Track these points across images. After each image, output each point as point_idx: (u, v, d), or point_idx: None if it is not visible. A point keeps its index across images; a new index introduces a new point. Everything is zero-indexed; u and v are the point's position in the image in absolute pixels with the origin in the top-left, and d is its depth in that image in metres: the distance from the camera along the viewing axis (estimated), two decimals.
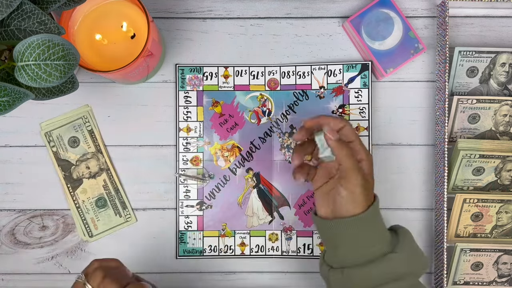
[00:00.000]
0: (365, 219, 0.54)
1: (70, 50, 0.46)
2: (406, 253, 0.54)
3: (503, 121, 0.66)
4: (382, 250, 0.53)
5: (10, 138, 0.68)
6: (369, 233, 0.54)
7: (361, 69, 0.67)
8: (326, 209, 0.56)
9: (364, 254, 0.54)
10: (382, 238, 0.54)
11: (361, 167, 0.55)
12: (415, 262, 0.54)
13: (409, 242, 0.55)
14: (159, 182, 0.68)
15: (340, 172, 0.54)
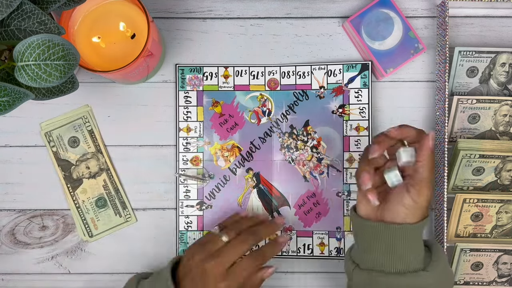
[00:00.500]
0: (413, 230, 0.52)
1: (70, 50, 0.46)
2: (437, 274, 0.52)
3: (503, 121, 0.66)
4: (415, 266, 0.52)
5: (10, 138, 0.68)
6: (409, 245, 0.52)
7: (361, 69, 0.67)
8: (371, 210, 0.54)
9: (396, 264, 0.52)
10: (418, 253, 0.53)
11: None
12: (442, 282, 0.53)
13: (442, 263, 0.53)
14: (159, 182, 0.68)
15: (414, 180, 0.51)
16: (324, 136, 0.67)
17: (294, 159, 0.67)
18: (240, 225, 0.60)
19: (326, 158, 0.68)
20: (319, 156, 0.68)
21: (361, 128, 0.67)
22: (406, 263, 0.52)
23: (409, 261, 0.52)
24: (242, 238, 0.57)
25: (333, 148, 0.67)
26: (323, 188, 0.67)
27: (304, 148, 0.68)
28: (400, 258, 0.52)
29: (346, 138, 0.67)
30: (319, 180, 0.68)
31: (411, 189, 0.51)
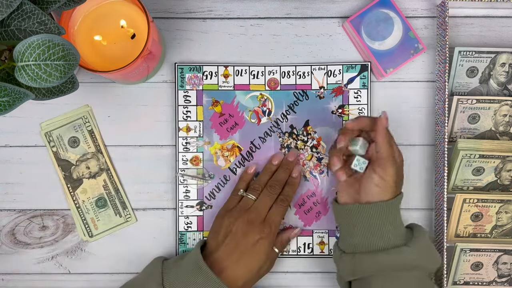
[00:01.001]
0: (388, 207, 0.57)
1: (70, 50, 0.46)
2: (418, 249, 0.56)
3: (503, 121, 0.66)
4: (395, 242, 0.56)
5: (10, 138, 0.68)
6: (387, 223, 0.57)
7: (360, 69, 0.67)
8: (349, 197, 0.60)
9: (377, 242, 0.57)
10: (398, 231, 0.57)
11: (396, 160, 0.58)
12: (425, 258, 0.57)
13: (423, 239, 0.57)
14: (159, 182, 0.68)
15: (377, 159, 0.58)
16: (324, 136, 0.67)
17: None
18: (259, 182, 0.65)
19: (326, 158, 0.68)
20: (319, 155, 0.68)
21: None
22: (387, 241, 0.56)
23: (389, 238, 0.56)
24: (267, 192, 0.64)
25: None
26: (323, 187, 0.68)
27: (304, 148, 0.68)
28: (380, 236, 0.57)
29: None
30: (319, 179, 0.68)
31: (377, 168, 0.57)
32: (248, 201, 0.63)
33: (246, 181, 0.66)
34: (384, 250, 0.56)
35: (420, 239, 0.57)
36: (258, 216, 0.62)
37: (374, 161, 0.58)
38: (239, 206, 0.63)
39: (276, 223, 0.63)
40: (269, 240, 0.61)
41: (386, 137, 0.58)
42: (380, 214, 0.57)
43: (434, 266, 0.58)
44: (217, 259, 0.60)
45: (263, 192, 0.64)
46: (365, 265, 0.57)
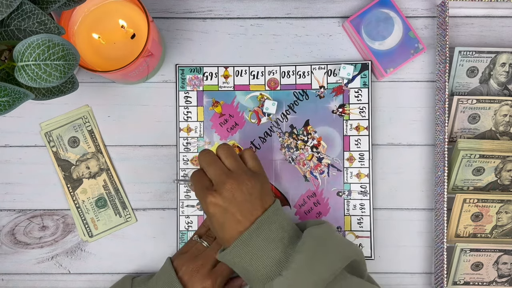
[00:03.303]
0: (227, 255, 0.53)
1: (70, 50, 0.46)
2: (293, 272, 0.50)
3: (503, 121, 0.66)
4: (269, 272, 0.51)
5: (10, 138, 0.68)
6: (248, 260, 0.52)
7: (361, 68, 0.67)
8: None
9: (253, 279, 0.53)
10: (267, 260, 0.52)
11: (207, 198, 0.53)
12: (310, 280, 0.51)
13: (304, 257, 0.51)
14: (159, 182, 0.68)
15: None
16: (324, 135, 0.67)
17: (294, 158, 0.67)
18: None
19: (327, 158, 0.68)
20: (319, 155, 0.67)
21: (361, 127, 0.67)
22: (257, 280, 0.52)
23: (259, 276, 0.52)
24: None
25: (333, 148, 0.67)
26: (324, 187, 0.67)
27: (304, 147, 0.68)
28: (253, 276, 0.53)
29: (346, 138, 0.67)
30: (320, 179, 0.68)
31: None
32: (200, 247, 0.62)
33: (207, 227, 0.66)
34: (261, 285, 0.52)
35: (300, 254, 0.51)
36: (205, 265, 0.60)
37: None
38: (190, 252, 0.62)
39: (223, 276, 0.60)
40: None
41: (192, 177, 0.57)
42: (231, 263, 0.54)
43: (334, 267, 0.52)
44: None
45: (216, 240, 0.62)
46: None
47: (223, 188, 0.53)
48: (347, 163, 0.67)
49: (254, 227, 0.52)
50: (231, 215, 0.53)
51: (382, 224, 0.68)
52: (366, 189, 0.67)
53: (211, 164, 0.55)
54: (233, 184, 0.53)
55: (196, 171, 0.57)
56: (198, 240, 0.64)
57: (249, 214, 0.53)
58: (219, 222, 0.53)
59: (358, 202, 0.67)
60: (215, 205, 0.53)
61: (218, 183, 0.54)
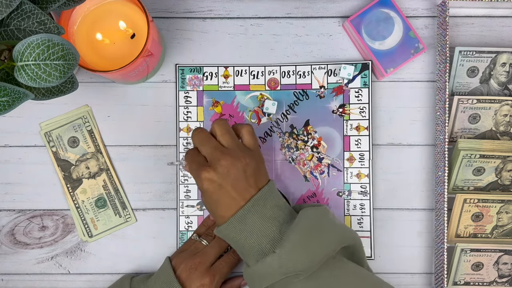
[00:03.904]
0: (226, 229, 0.54)
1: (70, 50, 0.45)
2: (287, 251, 0.51)
3: (504, 121, 0.66)
4: (263, 249, 0.52)
5: (10, 138, 0.67)
6: (243, 237, 0.53)
7: (361, 68, 0.67)
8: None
9: (247, 259, 0.54)
10: (261, 238, 0.52)
11: (201, 175, 0.53)
12: (304, 259, 0.51)
13: (298, 237, 0.51)
14: (159, 182, 0.68)
15: None
16: (325, 135, 0.67)
17: (295, 158, 0.67)
18: (214, 228, 0.63)
19: (327, 158, 0.67)
20: (319, 155, 0.67)
21: (361, 127, 0.67)
22: (252, 255, 0.53)
23: (253, 253, 0.53)
24: (218, 239, 0.62)
25: (333, 148, 0.67)
26: (324, 187, 0.67)
27: (305, 147, 0.67)
28: (248, 252, 0.53)
29: (347, 138, 0.67)
30: (320, 179, 0.67)
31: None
32: (199, 246, 0.63)
33: (206, 226, 0.66)
34: (255, 264, 0.52)
35: (291, 238, 0.51)
36: (203, 262, 0.60)
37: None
38: (189, 250, 0.62)
39: (222, 274, 0.61)
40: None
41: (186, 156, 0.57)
42: (231, 233, 0.54)
43: (329, 249, 0.52)
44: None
45: (215, 239, 0.63)
46: (249, 280, 0.54)
47: (218, 164, 0.53)
48: (347, 163, 0.67)
49: (250, 205, 0.52)
50: (226, 192, 0.53)
51: (382, 224, 0.67)
52: (366, 189, 0.67)
53: (205, 142, 0.55)
54: (228, 160, 0.53)
55: (190, 149, 0.57)
56: (197, 239, 0.64)
57: (244, 191, 0.53)
58: (214, 199, 0.53)
59: (358, 202, 0.67)
60: (210, 180, 0.53)
61: (213, 159, 0.53)
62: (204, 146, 0.55)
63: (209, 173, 0.53)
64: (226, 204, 0.53)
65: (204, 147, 0.55)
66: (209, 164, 0.54)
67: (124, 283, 0.62)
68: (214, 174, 0.52)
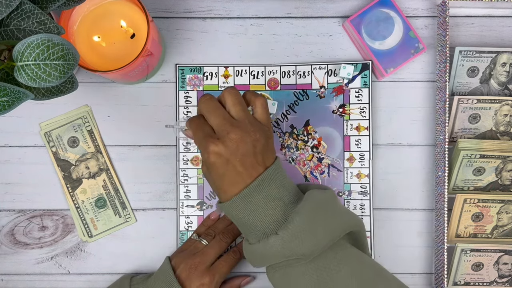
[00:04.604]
0: (230, 207, 0.52)
1: (70, 50, 0.45)
2: (290, 233, 0.49)
3: (504, 121, 0.66)
4: (266, 229, 0.51)
5: (9, 138, 0.67)
6: (247, 215, 0.51)
7: (361, 68, 0.67)
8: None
9: (250, 236, 0.52)
10: (265, 218, 0.51)
11: (207, 144, 0.50)
12: (307, 243, 0.49)
13: (303, 219, 0.50)
14: (159, 182, 0.68)
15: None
16: (325, 135, 0.67)
17: (295, 159, 0.67)
18: (214, 228, 0.65)
19: (327, 158, 0.67)
20: (319, 155, 0.67)
21: (361, 127, 0.67)
22: (254, 234, 0.52)
23: (256, 232, 0.51)
24: (218, 238, 0.63)
25: (333, 148, 0.67)
26: None
27: (305, 147, 0.67)
28: (250, 230, 0.52)
29: (347, 138, 0.67)
30: (320, 179, 0.67)
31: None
32: (198, 245, 0.62)
33: (206, 226, 0.66)
34: (258, 243, 0.51)
35: (295, 222, 0.49)
36: (203, 262, 0.60)
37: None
38: (189, 250, 0.62)
39: (222, 273, 0.60)
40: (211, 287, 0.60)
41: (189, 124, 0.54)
42: (234, 210, 0.52)
43: (334, 234, 0.50)
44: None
45: (214, 238, 0.63)
46: (248, 255, 0.53)
47: (227, 137, 0.50)
48: (347, 163, 0.67)
49: (255, 184, 0.50)
50: (233, 167, 0.50)
51: (382, 224, 0.67)
52: (366, 189, 0.67)
53: (213, 111, 0.52)
54: (238, 134, 0.50)
55: (195, 116, 0.54)
56: (197, 238, 0.64)
57: (251, 168, 0.50)
58: (219, 173, 0.51)
59: (358, 202, 0.67)
60: (217, 154, 0.50)
61: (222, 131, 0.50)
62: (213, 115, 0.51)
63: (217, 147, 0.50)
64: (231, 180, 0.51)
65: (212, 116, 0.51)
66: (217, 136, 0.50)
67: (123, 283, 0.62)
68: (223, 148, 0.49)
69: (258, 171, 0.51)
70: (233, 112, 0.52)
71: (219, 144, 0.50)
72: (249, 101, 0.54)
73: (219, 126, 0.51)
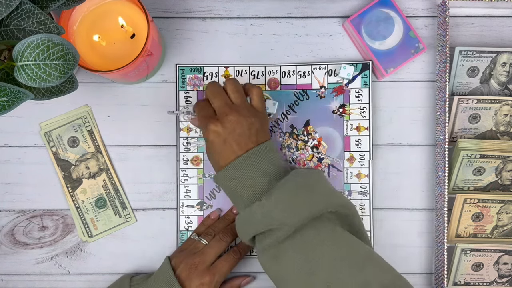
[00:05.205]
0: (221, 175, 0.57)
1: (70, 50, 0.45)
2: (272, 201, 0.53)
3: (504, 121, 0.66)
4: (251, 197, 0.55)
5: (9, 138, 0.67)
6: (235, 184, 0.56)
7: (361, 68, 0.67)
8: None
9: (238, 204, 0.57)
10: (251, 187, 0.56)
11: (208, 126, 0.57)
12: (288, 213, 0.53)
13: (285, 190, 0.54)
14: (159, 182, 0.68)
15: None
16: (325, 136, 0.67)
17: (295, 159, 0.67)
18: (214, 227, 0.65)
19: (327, 158, 0.67)
20: (319, 156, 0.67)
21: (361, 128, 0.67)
22: (241, 203, 0.57)
23: (242, 200, 0.56)
24: (218, 238, 0.63)
25: (333, 148, 0.67)
26: None
27: (305, 148, 0.67)
28: (237, 199, 0.57)
29: (347, 138, 0.67)
30: None
31: None
32: (198, 245, 0.63)
33: (206, 225, 0.66)
34: (242, 210, 0.56)
35: (281, 191, 0.54)
36: (203, 261, 0.60)
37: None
38: (189, 249, 0.63)
39: (221, 273, 0.61)
40: (211, 287, 0.60)
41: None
42: (220, 183, 0.58)
43: (315, 208, 0.53)
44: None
45: (214, 238, 0.63)
46: (239, 227, 0.57)
47: (225, 119, 0.56)
48: (347, 163, 0.67)
49: (246, 156, 0.56)
50: (229, 145, 0.56)
51: (382, 224, 0.67)
52: (366, 189, 0.67)
53: (217, 95, 0.59)
54: (235, 116, 0.56)
55: (201, 100, 0.62)
56: (196, 238, 0.64)
57: (244, 145, 0.56)
58: (217, 150, 0.57)
59: (358, 202, 0.67)
60: (216, 133, 0.56)
61: (221, 113, 0.57)
62: (216, 98, 0.58)
63: (216, 126, 0.56)
64: (226, 155, 0.56)
65: (215, 99, 0.58)
66: (217, 117, 0.57)
67: (123, 283, 0.62)
68: (221, 128, 0.56)
69: (250, 146, 0.57)
70: (233, 98, 0.59)
71: (218, 124, 0.56)
72: (247, 91, 0.61)
73: (219, 108, 0.58)
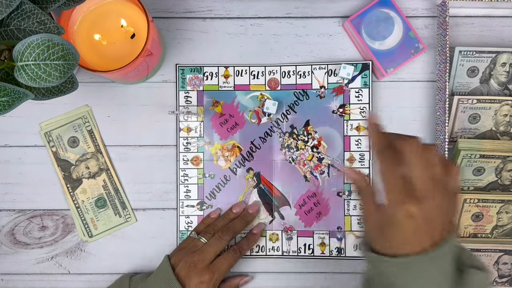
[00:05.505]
0: (391, 263, 0.45)
1: (70, 50, 0.45)
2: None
3: (504, 121, 0.66)
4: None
5: (9, 138, 0.67)
6: (406, 281, 0.44)
7: (361, 68, 0.67)
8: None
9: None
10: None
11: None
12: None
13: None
14: (159, 182, 0.68)
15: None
16: (325, 135, 0.67)
17: (295, 159, 0.67)
18: (213, 226, 0.65)
19: (327, 158, 0.67)
20: (319, 156, 0.67)
21: (361, 128, 0.67)
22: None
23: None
24: (217, 236, 0.63)
25: (333, 148, 0.67)
26: (324, 188, 0.67)
27: (305, 148, 0.67)
28: (390, 285, 0.45)
29: (347, 138, 0.67)
30: (320, 180, 0.67)
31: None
32: (198, 243, 0.63)
33: (206, 224, 0.66)
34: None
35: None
36: (203, 260, 0.60)
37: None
38: (188, 248, 0.63)
39: (221, 271, 0.61)
40: (210, 286, 0.59)
41: (375, 149, 0.48)
42: (401, 273, 0.44)
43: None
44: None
45: (214, 236, 0.63)
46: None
47: (427, 200, 0.44)
48: (347, 163, 0.67)
49: (434, 254, 0.44)
50: (417, 229, 0.44)
51: None
52: None
53: (426, 166, 0.45)
54: (439, 198, 0.44)
55: (388, 147, 0.47)
56: (196, 236, 0.64)
57: (432, 236, 0.44)
58: (398, 230, 0.44)
59: (358, 202, 0.67)
60: (411, 217, 0.43)
61: (423, 190, 0.44)
62: (423, 169, 0.45)
63: (414, 207, 0.43)
64: (407, 239, 0.44)
65: (421, 169, 0.45)
66: (416, 193, 0.44)
67: (123, 282, 0.62)
68: (419, 211, 0.43)
69: (441, 238, 0.44)
70: (435, 171, 0.45)
71: (418, 206, 0.43)
72: (445, 167, 0.47)
73: (423, 183, 0.44)
